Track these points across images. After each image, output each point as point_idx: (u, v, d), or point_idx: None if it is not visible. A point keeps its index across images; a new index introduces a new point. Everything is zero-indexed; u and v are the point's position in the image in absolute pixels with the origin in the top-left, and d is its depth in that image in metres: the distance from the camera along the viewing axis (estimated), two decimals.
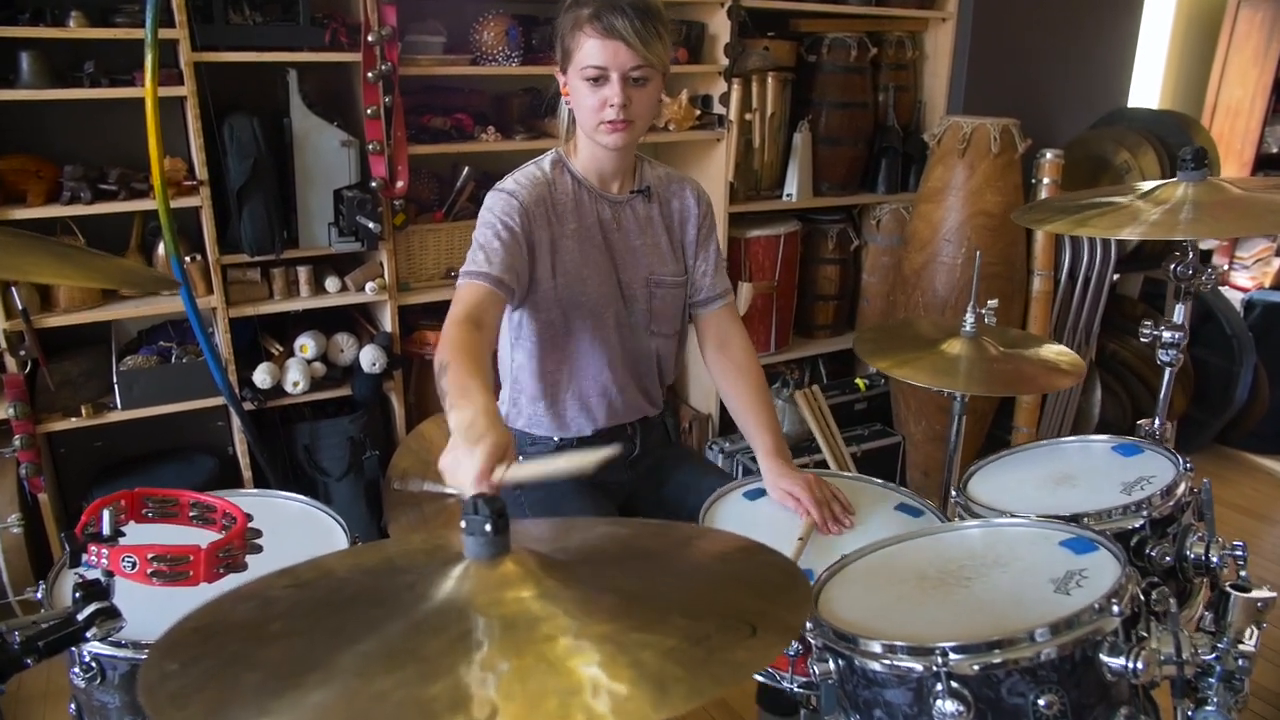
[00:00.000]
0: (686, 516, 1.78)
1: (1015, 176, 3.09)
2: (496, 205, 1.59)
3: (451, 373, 1.30)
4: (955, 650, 0.99)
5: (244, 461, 2.61)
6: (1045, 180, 3.11)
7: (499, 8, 2.67)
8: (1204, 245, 3.79)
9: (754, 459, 1.68)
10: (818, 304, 3.50)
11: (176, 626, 0.83)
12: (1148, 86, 4.52)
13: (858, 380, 3.42)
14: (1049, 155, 3.10)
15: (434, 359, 1.39)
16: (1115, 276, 3.31)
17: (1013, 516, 1.32)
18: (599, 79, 1.52)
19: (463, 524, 0.83)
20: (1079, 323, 3.31)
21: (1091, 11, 3.69)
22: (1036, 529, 1.23)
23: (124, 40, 2.19)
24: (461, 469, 1.12)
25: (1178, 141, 3.40)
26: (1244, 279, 4.67)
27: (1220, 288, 3.86)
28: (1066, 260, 3.22)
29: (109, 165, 2.33)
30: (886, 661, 1.05)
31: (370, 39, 2.39)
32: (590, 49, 1.51)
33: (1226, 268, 4.66)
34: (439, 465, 1.19)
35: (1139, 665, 0.97)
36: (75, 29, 2.16)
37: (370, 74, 2.42)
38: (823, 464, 3.07)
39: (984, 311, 1.77)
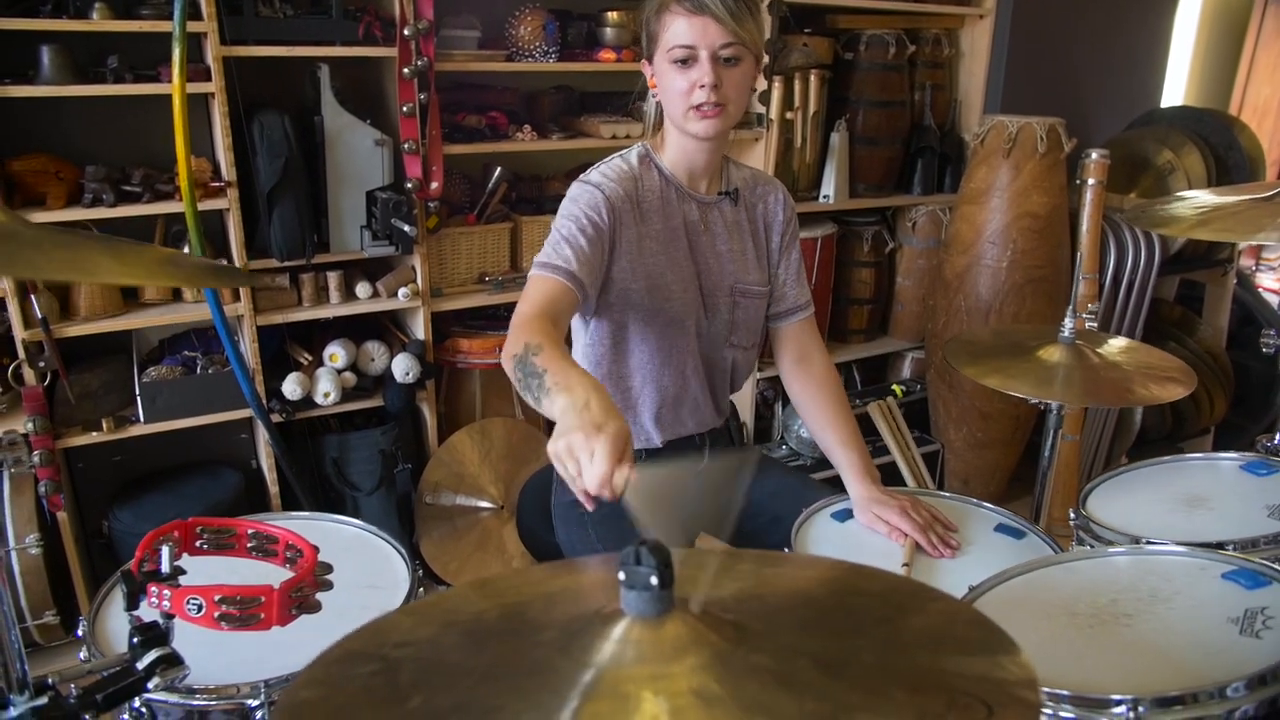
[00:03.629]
0: (756, 516, 1.67)
1: (1060, 177, 3.00)
2: (582, 197, 1.48)
3: (546, 354, 1.16)
4: (1139, 703, 0.89)
5: (270, 476, 2.49)
6: (1091, 181, 3.02)
7: (535, 2, 2.56)
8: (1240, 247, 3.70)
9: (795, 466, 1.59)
10: (852, 308, 3.41)
11: (290, 698, 0.72)
12: (1174, 86, 4.44)
13: (894, 386, 3.32)
14: (1095, 155, 3.00)
15: (509, 347, 1.26)
16: (1155, 279, 3.23)
17: (1149, 543, 1.21)
18: (687, 60, 1.43)
19: (621, 575, 0.72)
20: (1122, 327, 3.22)
21: (1128, 9, 3.61)
22: (1191, 559, 1.13)
23: (149, 34, 2.07)
24: (583, 464, 1.00)
25: (1222, 142, 3.32)
26: (1272, 280, 4.60)
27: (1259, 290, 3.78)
28: (1111, 263, 3.13)
29: (132, 166, 2.21)
30: (1048, 711, 0.94)
31: (406, 33, 2.28)
32: (678, 28, 1.42)
33: (1254, 268, 4.59)
34: (548, 449, 1.06)
35: None
36: (99, 21, 2.04)
37: (406, 70, 2.30)
38: (893, 470, 2.98)
39: (1085, 316, 1.67)
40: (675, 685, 0.66)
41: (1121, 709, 0.88)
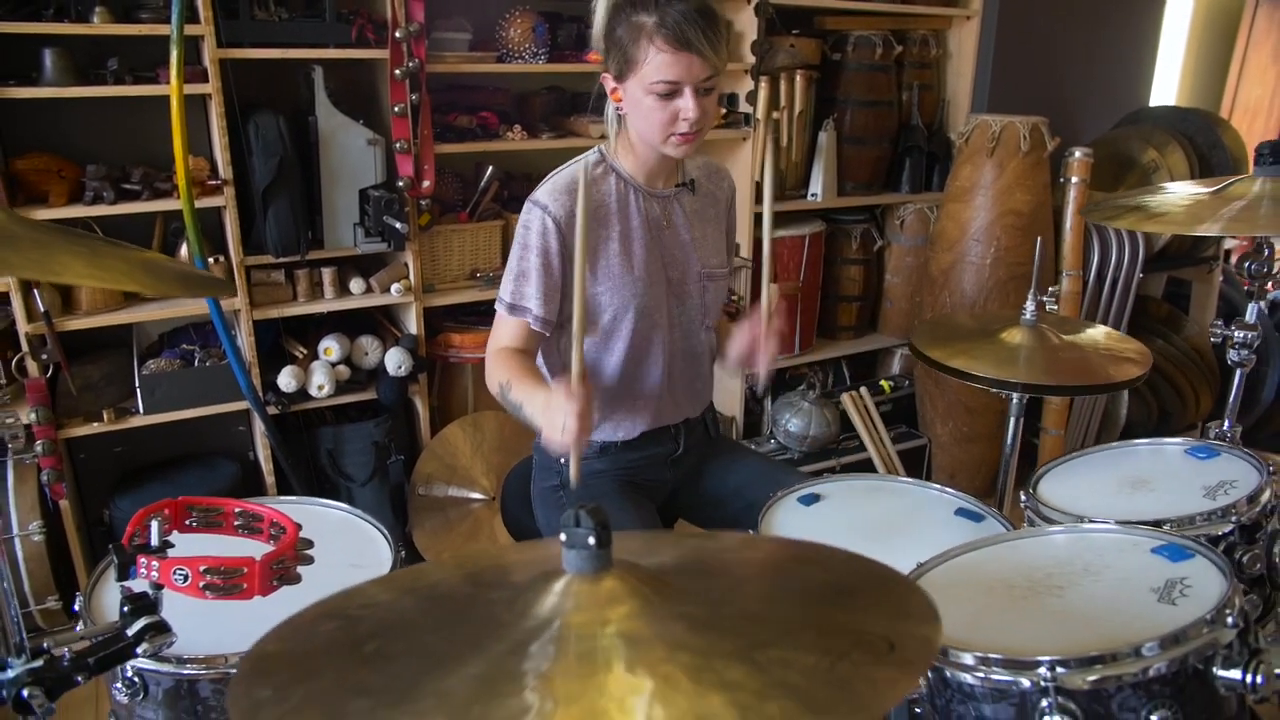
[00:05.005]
0: (728, 507, 1.76)
1: (1044, 175, 3.05)
2: (533, 224, 1.55)
3: (515, 387, 1.47)
4: (1061, 664, 0.94)
5: (266, 467, 2.56)
6: (1074, 179, 3.07)
7: (525, 4, 2.63)
8: (1227, 244, 3.75)
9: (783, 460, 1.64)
10: (841, 305, 3.46)
11: (257, 649, 0.78)
12: (1166, 85, 4.49)
13: (882, 382, 3.38)
14: (1078, 154, 3.06)
15: (490, 379, 1.55)
16: (1139, 276, 3.28)
17: (1091, 521, 1.27)
18: (671, 93, 1.47)
19: (563, 536, 0.79)
20: (1106, 323, 3.27)
21: (1115, 9, 3.66)
22: (1124, 535, 1.19)
23: (148, 36, 2.14)
24: (558, 421, 1.27)
25: (1206, 140, 3.37)
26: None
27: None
28: (1095, 260, 3.18)
29: (132, 165, 2.28)
30: (980, 674, 1.00)
31: (398, 35, 2.34)
32: (662, 63, 1.44)
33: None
34: (543, 441, 1.34)
35: (1259, 679, 0.93)
36: (99, 25, 2.11)
37: (397, 71, 2.37)
38: (869, 465, 3.03)
39: (1045, 299, 1.71)
40: (606, 629, 0.72)
41: (1042, 669, 0.94)
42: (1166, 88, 4.52)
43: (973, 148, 3.06)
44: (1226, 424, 1.53)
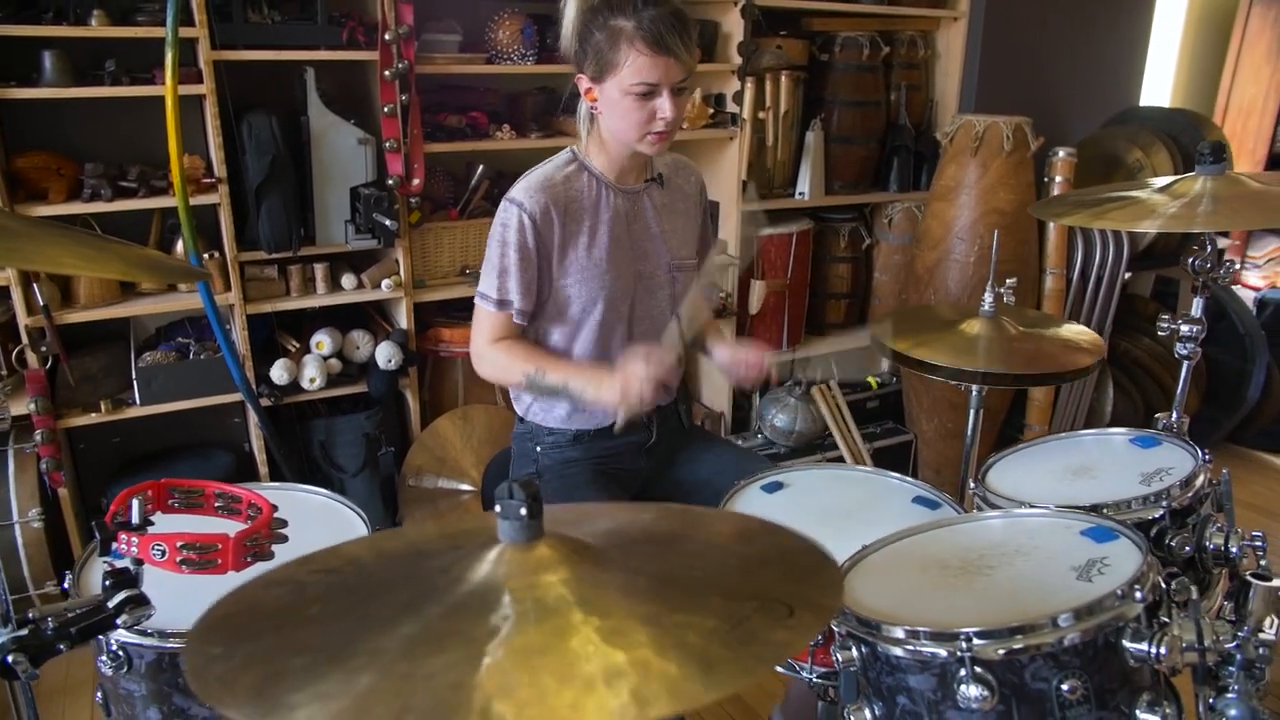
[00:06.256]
0: (700, 490, 1.81)
1: (1028, 175, 3.09)
2: (510, 221, 1.61)
3: (551, 370, 1.59)
4: (979, 635, 1.00)
5: (260, 458, 2.63)
6: (1058, 179, 3.12)
7: (514, 6, 2.69)
8: (1220, 244, 3.78)
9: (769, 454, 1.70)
10: (830, 302, 3.51)
11: (211, 612, 0.85)
12: (1159, 85, 4.52)
13: (869, 378, 3.42)
14: (1062, 154, 3.10)
15: (502, 377, 1.71)
16: (1127, 275, 3.31)
17: (1032, 507, 1.32)
18: (649, 94, 1.53)
19: (498, 508, 0.84)
20: (1091, 321, 3.31)
21: (1104, 10, 3.69)
22: (1057, 519, 1.24)
23: (144, 39, 2.22)
24: (634, 389, 1.48)
25: (1191, 140, 3.40)
26: (1256, 278, 4.66)
27: (1233, 286, 3.85)
28: (1079, 258, 3.22)
29: (129, 163, 2.35)
30: (910, 647, 1.06)
31: (387, 37, 2.41)
32: (640, 66, 1.50)
33: (1239, 266, 4.66)
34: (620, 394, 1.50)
35: (1162, 650, 0.98)
36: (97, 28, 2.19)
37: (387, 72, 2.43)
38: (839, 459, 3.08)
39: (1003, 291, 1.77)
40: (540, 592, 0.78)
41: (960, 641, 1.00)
42: (1160, 87, 4.55)
43: (957, 147, 3.11)
44: (1174, 415, 1.57)
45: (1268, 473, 3.64)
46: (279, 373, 2.52)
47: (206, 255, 2.39)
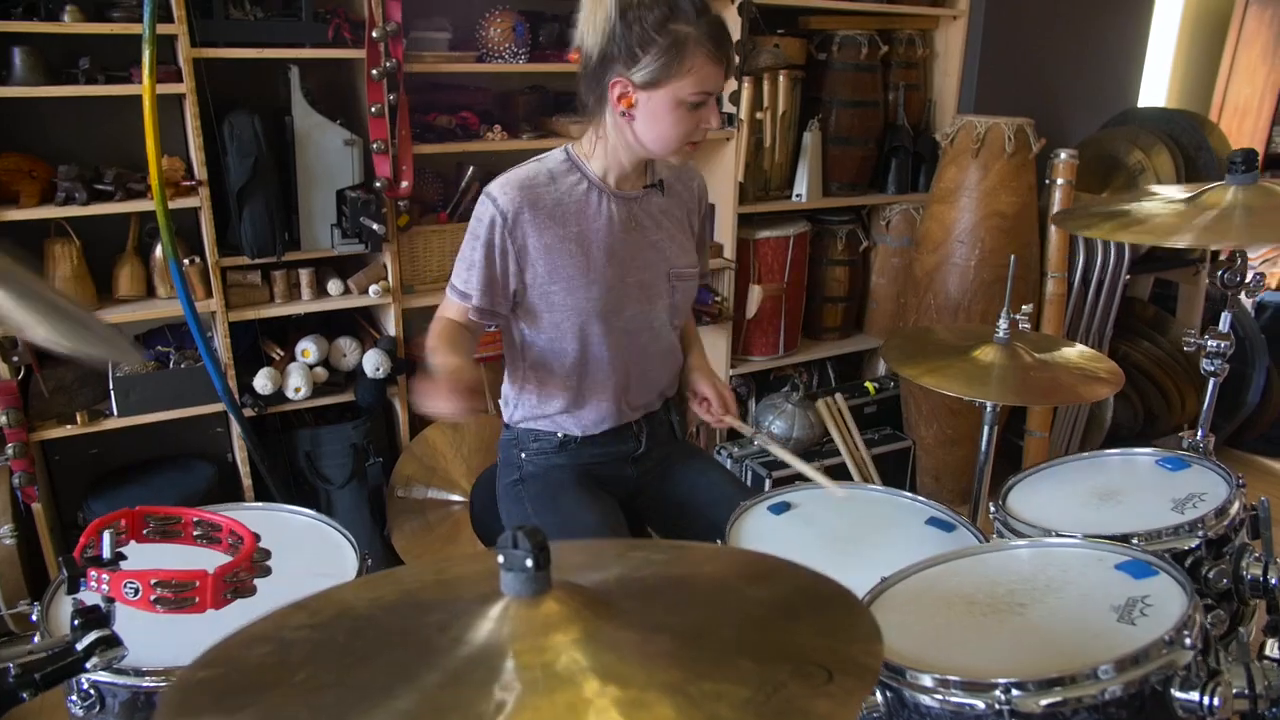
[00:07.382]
0: (694, 516, 1.74)
1: (1029, 177, 3.03)
2: (485, 216, 1.55)
3: (438, 355, 1.54)
4: (1017, 686, 0.93)
5: (244, 470, 2.54)
6: (1060, 181, 3.06)
7: (505, 4, 2.61)
8: (1214, 247, 3.73)
9: (763, 464, 1.65)
10: (826, 306, 3.45)
11: (186, 675, 0.76)
12: (1155, 85, 4.47)
13: (867, 384, 3.36)
14: (1064, 156, 3.04)
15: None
16: (1126, 278, 3.26)
17: (1058, 535, 1.26)
18: (702, 103, 1.47)
19: (500, 559, 0.77)
20: (1092, 326, 3.26)
21: (1103, 10, 3.64)
22: (1089, 550, 1.17)
23: (120, 36, 2.12)
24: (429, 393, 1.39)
25: (1191, 142, 3.36)
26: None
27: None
28: (1080, 262, 3.17)
29: (105, 165, 2.26)
30: (939, 696, 0.99)
31: (375, 35, 2.32)
32: (706, 75, 1.45)
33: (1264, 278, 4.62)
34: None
35: (1216, 702, 0.91)
36: (70, 24, 2.09)
37: (374, 71, 2.35)
38: (843, 470, 3.02)
39: (1018, 317, 1.71)
40: (550, 656, 0.70)
41: (997, 692, 0.93)
42: (1156, 88, 4.51)
43: (957, 149, 3.05)
44: (1200, 434, 1.51)
45: (1266, 478, 3.60)
46: (263, 382, 2.43)
47: (187, 260, 2.30)
